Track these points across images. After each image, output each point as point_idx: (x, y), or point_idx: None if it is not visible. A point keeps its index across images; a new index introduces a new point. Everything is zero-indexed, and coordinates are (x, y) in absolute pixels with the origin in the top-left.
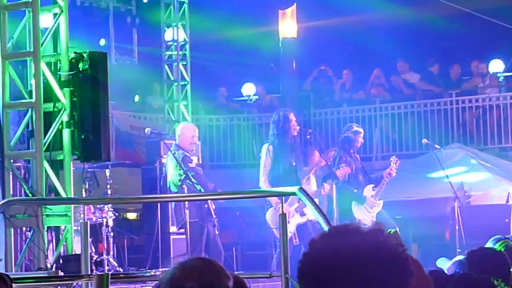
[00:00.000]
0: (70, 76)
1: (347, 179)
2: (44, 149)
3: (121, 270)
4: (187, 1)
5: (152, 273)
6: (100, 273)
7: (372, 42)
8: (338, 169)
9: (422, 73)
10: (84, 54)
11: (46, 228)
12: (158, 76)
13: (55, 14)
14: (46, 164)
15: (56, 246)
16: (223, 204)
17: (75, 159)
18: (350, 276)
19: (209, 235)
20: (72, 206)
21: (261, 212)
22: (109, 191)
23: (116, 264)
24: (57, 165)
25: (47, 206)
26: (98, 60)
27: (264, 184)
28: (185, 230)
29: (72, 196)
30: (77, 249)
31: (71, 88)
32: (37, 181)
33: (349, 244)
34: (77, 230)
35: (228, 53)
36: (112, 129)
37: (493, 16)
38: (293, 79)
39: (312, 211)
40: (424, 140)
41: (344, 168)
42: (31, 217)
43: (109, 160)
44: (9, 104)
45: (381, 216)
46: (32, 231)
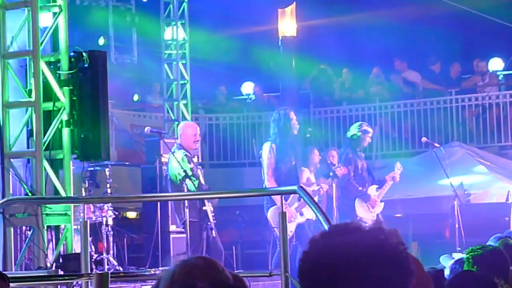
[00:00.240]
0: (70, 75)
1: (353, 177)
2: (44, 148)
3: (121, 269)
4: (187, 0)
5: (152, 272)
6: (100, 272)
7: (372, 41)
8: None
9: (424, 72)
10: (84, 53)
11: (46, 227)
12: (158, 75)
13: (55, 13)
14: (46, 163)
15: (56, 245)
16: (223, 203)
17: (75, 158)
18: (351, 275)
19: (209, 234)
20: (72, 205)
21: (261, 211)
22: (109, 190)
23: (116, 263)
24: (57, 164)
25: (47, 205)
26: (98, 59)
27: (270, 183)
28: (185, 229)
29: (72, 195)
30: (77, 248)
31: (71, 87)
32: (37, 180)
33: (350, 243)
34: (77, 229)
35: (228, 52)
36: (112, 128)
37: (493, 15)
38: (293, 78)
39: (312, 210)
40: (424, 139)
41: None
42: (31, 216)
43: (109, 159)
44: (9, 104)
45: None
46: (32, 230)
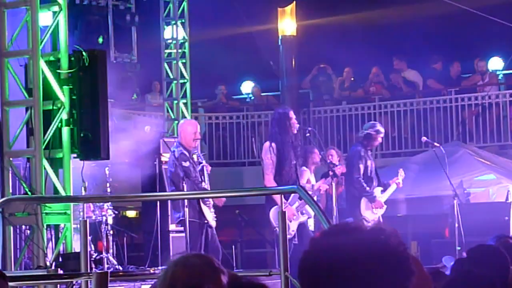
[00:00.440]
0: (70, 74)
1: (362, 175)
2: (44, 147)
3: (121, 268)
4: None
5: (152, 271)
6: (100, 271)
7: (372, 40)
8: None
9: (426, 71)
10: (84, 52)
11: (46, 226)
12: (158, 74)
13: (54, 12)
14: (46, 162)
15: (56, 244)
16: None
17: (75, 157)
18: (351, 274)
19: (208, 234)
20: (72, 204)
21: (261, 210)
22: (109, 189)
23: (116, 262)
24: (57, 163)
25: (47, 204)
26: (97, 58)
27: (271, 182)
28: (184, 228)
29: (72, 194)
30: (77, 247)
31: (71, 86)
32: (37, 179)
33: (350, 242)
34: (77, 228)
35: (228, 51)
36: (112, 127)
37: (493, 14)
38: (293, 77)
39: (312, 209)
40: (424, 138)
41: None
42: (31, 215)
43: (108, 158)
44: (9, 102)
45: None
46: (31, 229)
